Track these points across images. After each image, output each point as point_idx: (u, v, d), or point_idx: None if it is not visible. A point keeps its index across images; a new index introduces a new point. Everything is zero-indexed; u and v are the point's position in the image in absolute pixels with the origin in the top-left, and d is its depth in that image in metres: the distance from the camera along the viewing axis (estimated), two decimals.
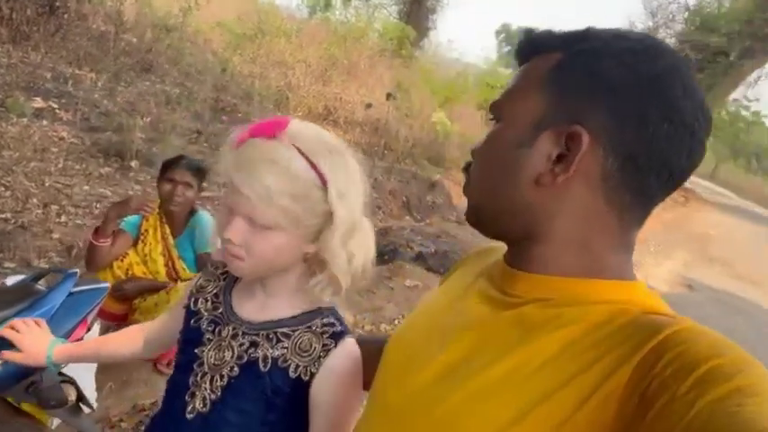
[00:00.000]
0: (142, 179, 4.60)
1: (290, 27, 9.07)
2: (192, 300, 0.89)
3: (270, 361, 0.79)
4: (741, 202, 25.42)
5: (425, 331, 0.68)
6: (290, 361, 0.79)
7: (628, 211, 0.58)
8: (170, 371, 1.47)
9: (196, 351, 0.83)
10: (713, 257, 9.15)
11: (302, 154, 0.73)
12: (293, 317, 0.82)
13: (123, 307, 2.31)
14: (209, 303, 0.87)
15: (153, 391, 2.12)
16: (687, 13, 17.21)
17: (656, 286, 6.21)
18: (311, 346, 0.79)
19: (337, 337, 0.80)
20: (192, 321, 0.87)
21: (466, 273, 0.74)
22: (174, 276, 2.35)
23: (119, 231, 2.29)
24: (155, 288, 2.26)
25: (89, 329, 1.47)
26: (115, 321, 2.30)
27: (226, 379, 0.80)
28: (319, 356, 0.79)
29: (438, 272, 4.43)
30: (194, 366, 0.83)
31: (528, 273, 0.61)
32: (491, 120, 0.65)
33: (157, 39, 7.32)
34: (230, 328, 0.83)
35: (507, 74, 15.28)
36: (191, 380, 0.83)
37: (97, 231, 2.15)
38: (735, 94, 16.43)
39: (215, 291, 0.89)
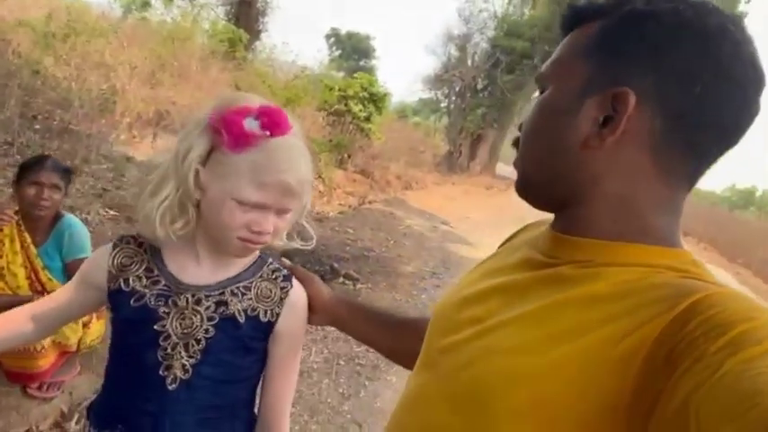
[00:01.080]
0: None
1: (106, 26, 8.25)
2: (121, 281, 0.85)
3: (243, 313, 0.87)
4: None
5: (468, 294, 0.70)
6: (258, 309, 0.88)
7: (675, 171, 0.58)
8: (43, 394, 1.35)
9: (156, 327, 0.83)
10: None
11: (300, 133, 0.83)
12: (246, 269, 0.91)
13: None
14: (144, 280, 0.86)
15: (25, 419, 1.85)
16: (496, 20, 19.29)
17: None
18: (271, 291, 0.90)
19: (288, 278, 0.93)
20: (131, 302, 0.84)
21: (515, 243, 0.77)
22: (39, 289, 2.06)
23: None
24: (16, 303, 1.95)
25: None
26: None
27: (203, 342, 0.84)
28: (281, 298, 0.90)
29: (304, 267, 4.43)
30: (159, 341, 0.83)
31: (570, 236, 0.61)
32: (538, 92, 0.66)
33: None
34: (188, 296, 0.85)
35: (340, 76, 15.69)
36: (159, 354, 0.83)
37: None
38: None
39: (144, 266, 0.87)
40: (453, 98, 21.25)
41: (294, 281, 0.93)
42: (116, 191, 5.31)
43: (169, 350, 0.83)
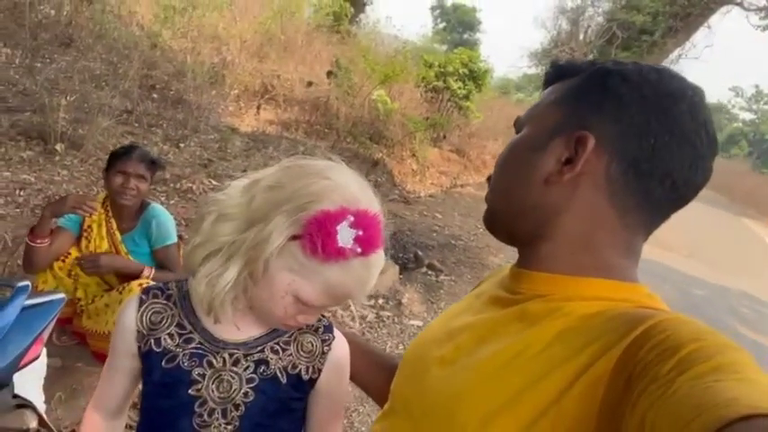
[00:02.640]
0: (69, 163, 4.28)
1: (223, 0, 8.61)
2: (152, 340, 0.79)
3: (284, 371, 0.82)
4: None
5: (437, 334, 0.74)
6: (299, 365, 0.83)
7: (631, 214, 0.62)
8: None
9: (191, 392, 0.77)
10: None
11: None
12: None
13: (67, 310, 2.13)
14: (176, 338, 0.79)
15: None
16: None
17: None
18: (312, 344, 0.84)
19: (330, 329, 0.87)
20: (162, 363, 0.78)
21: (483, 287, 0.81)
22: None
23: (58, 229, 2.12)
24: (130, 270, 2.10)
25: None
26: (59, 325, 2.12)
27: (242, 407, 0.79)
28: (323, 352, 0.84)
29: (388, 254, 4.43)
30: (195, 408, 0.78)
31: (533, 271, 0.66)
32: (515, 133, 0.72)
33: (77, 11, 6.75)
34: (225, 356, 0.79)
35: (443, 50, 15.35)
36: (195, 421, 0.78)
37: (33, 231, 1.98)
38: None
39: (175, 322, 0.80)
40: None
41: (336, 331, 0.87)
42: (219, 161, 5.59)
43: (206, 417, 0.78)
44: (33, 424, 1.19)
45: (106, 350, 2.22)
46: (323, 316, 0.88)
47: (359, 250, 0.67)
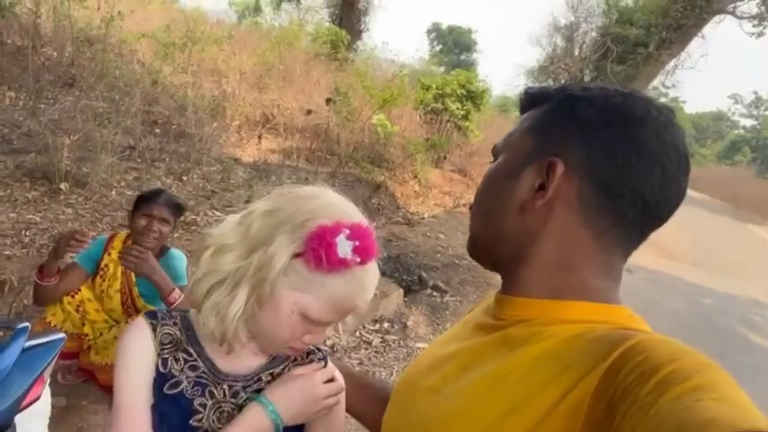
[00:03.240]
0: (73, 201, 4.34)
1: (221, 34, 8.79)
2: (159, 360, 0.78)
3: None
4: None
5: (425, 364, 0.75)
6: None
7: (606, 235, 0.63)
8: None
9: (193, 423, 0.77)
10: (646, 242, 9.67)
11: None
12: (276, 356, 0.85)
13: (74, 344, 2.15)
14: (182, 363, 0.79)
15: None
16: (606, 7, 18.08)
17: None
18: None
19: (323, 359, 0.88)
20: (165, 388, 0.77)
21: (472, 314, 0.81)
22: (133, 313, 2.21)
23: (71, 265, 2.15)
24: (164, 284, 1.98)
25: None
26: (64, 359, 2.14)
27: None
28: None
29: (393, 277, 4.43)
30: None
31: (515, 297, 0.67)
32: (491, 162, 0.74)
33: (79, 52, 6.92)
34: (225, 388, 0.80)
35: (441, 72, 15.54)
36: None
37: (41, 270, 2.01)
38: (654, 83, 17.38)
39: (180, 347, 0.80)
40: None
41: (330, 362, 0.88)
42: (222, 192, 5.65)
43: None
44: None
45: None
46: (319, 349, 0.89)
47: (358, 260, 0.71)
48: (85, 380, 2.23)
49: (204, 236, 0.77)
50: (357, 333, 3.48)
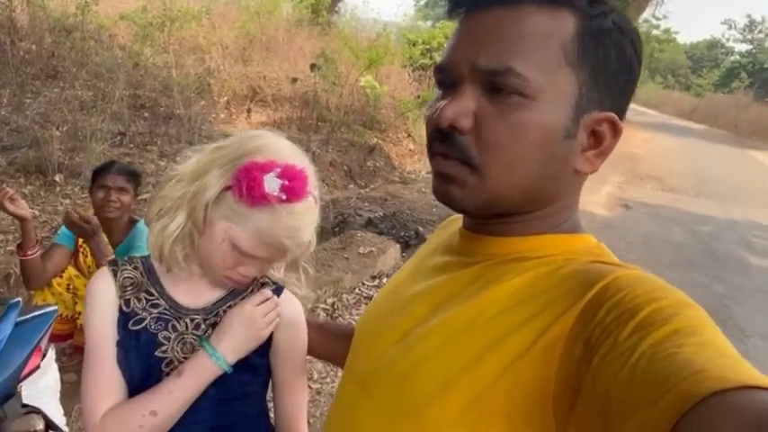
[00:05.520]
0: (70, 192, 4.40)
1: (199, 9, 8.64)
2: (122, 301, 0.84)
3: None
4: (661, 117, 26.86)
5: (388, 305, 0.71)
6: None
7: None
8: None
9: (158, 354, 0.84)
10: (643, 175, 9.69)
11: (315, 200, 0.82)
12: (234, 289, 0.91)
13: (67, 327, 2.23)
14: (144, 302, 0.85)
15: None
16: None
17: (596, 211, 6.55)
18: None
19: (279, 290, 0.93)
20: (129, 325, 0.83)
21: (428, 247, 0.78)
22: None
23: (54, 246, 2.21)
24: (100, 253, 2.06)
25: (44, 356, 1.44)
26: (59, 341, 2.21)
27: None
28: None
29: (390, 234, 4.50)
30: (162, 367, 0.84)
31: (489, 236, 0.62)
32: (497, 86, 0.54)
33: (58, 42, 6.86)
34: (187, 321, 0.86)
35: (427, 27, 15.24)
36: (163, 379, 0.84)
37: (20, 246, 2.06)
38: (644, 15, 16.96)
39: (142, 288, 0.87)
40: None
41: (285, 294, 0.93)
42: None
43: None
44: (40, 426, 1.29)
45: None
46: (275, 283, 0.94)
47: (284, 197, 0.75)
48: None
49: (173, 170, 0.85)
50: (356, 290, 3.56)
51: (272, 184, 0.75)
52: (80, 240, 2.25)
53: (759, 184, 10.86)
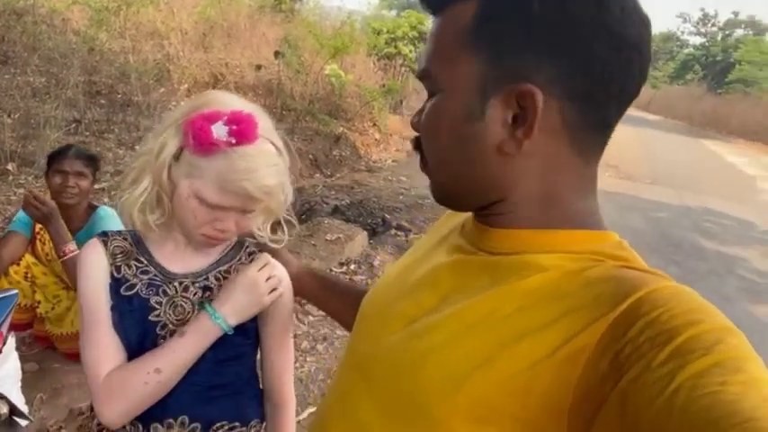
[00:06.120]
0: (23, 181, 4.23)
1: None
2: (113, 268, 0.88)
3: None
4: None
5: (396, 288, 0.68)
6: None
7: (592, 148, 0.57)
8: None
9: (151, 318, 0.87)
10: (601, 164, 9.91)
11: (274, 145, 0.84)
12: (225, 254, 0.96)
13: (27, 316, 2.15)
14: (134, 269, 0.89)
15: (87, 394, 2.05)
16: None
17: None
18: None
19: (265, 258, 0.95)
20: (121, 290, 0.87)
21: (438, 230, 0.75)
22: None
23: (9, 233, 2.11)
24: (59, 237, 1.93)
25: (5, 342, 1.39)
26: (18, 331, 2.12)
27: None
28: None
29: (357, 222, 4.51)
30: (157, 331, 0.88)
31: (498, 228, 0.60)
32: (426, 88, 0.60)
33: (8, 26, 6.54)
34: (176, 285, 0.90)
35: (392, 16, 15.22)
36: (159, 342, 0.87)
37: None
38: None
39: (131, 257, 0.90)
40: None
41: (273, 262, 0.96)
42: None
43: (168, 337, 0.87)
44: (4, 410, 1.25)
45: (77, 349, 2.22)
46: (262, 250, 0.97)
47: (233, 141, 0.78)
48: (47, 347, 2.24)
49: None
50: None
51: (219, 130, 0.78)
52: (37, 227, 2.17)
53: (711, 173, 11.32)
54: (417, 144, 0.62)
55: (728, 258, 5.71)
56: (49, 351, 2.22)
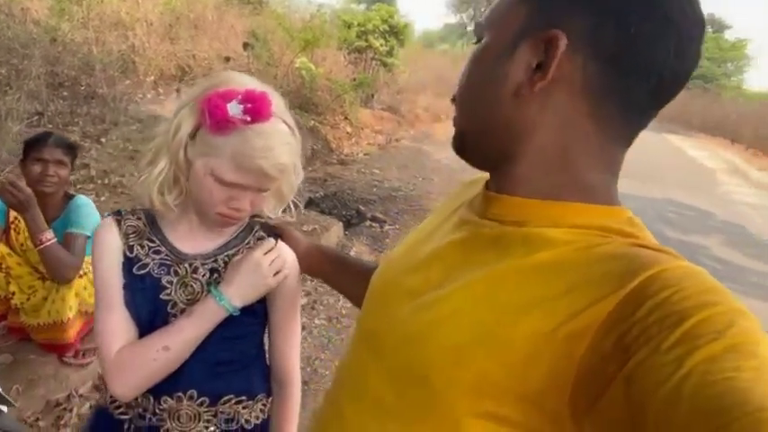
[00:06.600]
0: None
1: None
2: (126, 247, 0.90)
3: None
4: None
5: (405, 263, 0.68)
6: None
7: (612, 122, 0.55)
8: (78, 361, 1.29)
9: (162, 297, 0.89)
10: None
11: (287, 125, 0.85)
12: (235, 237, 0.98)
13: (1, 308, 2.11)
14: (147, 249, 0.91)
15: (63, 386, 2.01)
16: None
17: None
18: None
19: (274, 239, 0.97)
20: (133, 269, 0.89)
21: (450, 204, 0.75)
22: None
23: None
24: (35, 225, 1.89)
25: None
26: None
27: None
28: None
29: (332, 213, 4.51)
30: (168, 309, 0.90)
31: (506, 195, 0.59)
32: (474, 42, 0.63)
33: None
34: (186, 266, 0.92)
35: (361, 9, 15.14)
36: (170, 321, 0.90)
37: None
38: None
39: (144, 236, 0.92)
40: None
41: (280, 245, 0.98)
42: None
43: (178, 316, 0.89)
44: None
45: (54, 340, 2.18)
46: (264, 231, 0.99)
47: (248, 119, 0.79)
48: (21, 338, 2.19)
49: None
50: None
51: (234, 109, 0.79)
52: (12, 216, 2.11)
53: (674, 166, 11.71)
54: (455, 98, 0.65)
55: (691, 246, 5.92)
56: (24, 342, 2.17)
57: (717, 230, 6.89)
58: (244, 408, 0.97)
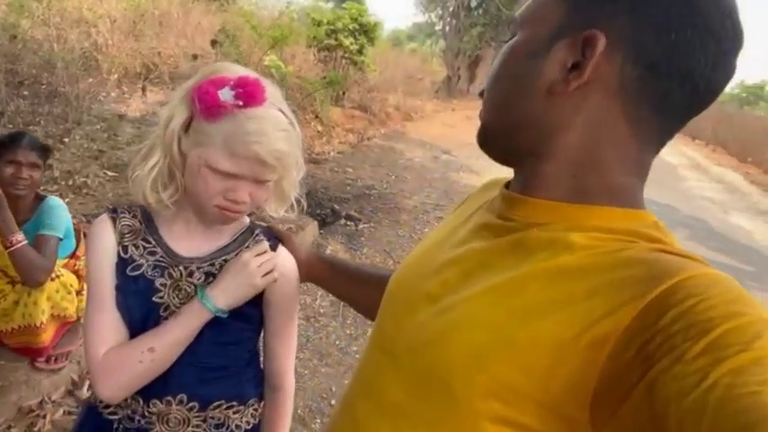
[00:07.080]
0: None
1: None
2: (120, 248, 0.87)
3: None
4: None
5: (422, 268, 0.67)
6: None
7: (645, 125, 0.55)
8: (51, 366, 1.24)
9: (155, 299, 0.87)
10: None
11: (284, 114, 0.83)
12: (234, 240, 0.95)
13: None
14: (142, 250, 0.88)
15: (37, 391, 1.95)
16: None
17: None
18: None
19: (273, 248, 0.95)
20: (127, 270, 0.86)
21: (468, 206, 0.74)
22: None
23: None
24: (4, 225, 1.85)
25: None
26: None
27: None
28: None
29: (306, 212, 4.49)
30: (160, 312, 0.87)
31: (529, 197, 0.59)
32: (507, 40, 0.62)
33: None
34: (181, 269, 0.89)
35: (329, 8, 15.07)
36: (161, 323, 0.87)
37: None
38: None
39: (139, 236, 0.89)
40: (448, 19, 20.45)
41: (280, 250, 0.96)
42: (112, 151, 5.31)
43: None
44: None
45: (28, 343, 2.12)
46: (265, 235, 0.97)
47: (240, 103, 0.77)
48: None
49: None
50: None
51: (226, 94, 0.77)
52: None
53: (653, 168, 12.03)
54: (483, 92, 0.64)
55: None
56: None
57: (681, 224, 7.10)
58: (234, 413, 0.95)
